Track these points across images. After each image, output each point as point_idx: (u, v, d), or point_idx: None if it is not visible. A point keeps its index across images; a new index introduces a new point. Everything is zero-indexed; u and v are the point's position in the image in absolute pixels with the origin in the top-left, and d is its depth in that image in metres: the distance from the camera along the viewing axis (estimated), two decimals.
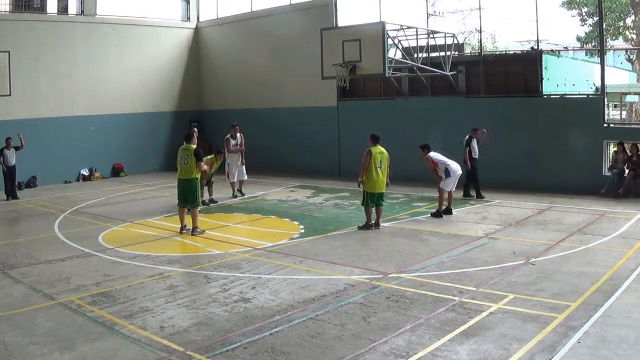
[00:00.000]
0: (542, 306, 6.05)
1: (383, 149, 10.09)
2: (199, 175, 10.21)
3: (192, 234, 10.02)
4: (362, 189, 10.20)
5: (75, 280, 7.44)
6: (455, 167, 11.33)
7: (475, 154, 12.86)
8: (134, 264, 8.23)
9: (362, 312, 6.06)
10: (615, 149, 13.20)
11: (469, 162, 12.74)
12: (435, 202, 12.62)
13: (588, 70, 16.76)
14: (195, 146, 10.17)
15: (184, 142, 10.40)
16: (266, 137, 18.36)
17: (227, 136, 13.86)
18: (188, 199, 10.04)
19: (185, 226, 10.19)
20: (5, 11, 17.04)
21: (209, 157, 12.64)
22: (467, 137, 12.93)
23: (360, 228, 10.17)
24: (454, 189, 11.47)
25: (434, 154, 11.38)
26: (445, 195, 11.27)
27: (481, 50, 15.92)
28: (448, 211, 11.29)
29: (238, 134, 13.93)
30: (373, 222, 10.23)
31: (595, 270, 7.30)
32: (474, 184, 12.95)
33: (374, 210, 10.25)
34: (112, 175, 19.12)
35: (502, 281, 6.98)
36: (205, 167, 10.60)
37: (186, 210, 10.22)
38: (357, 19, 16.00)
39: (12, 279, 7.61)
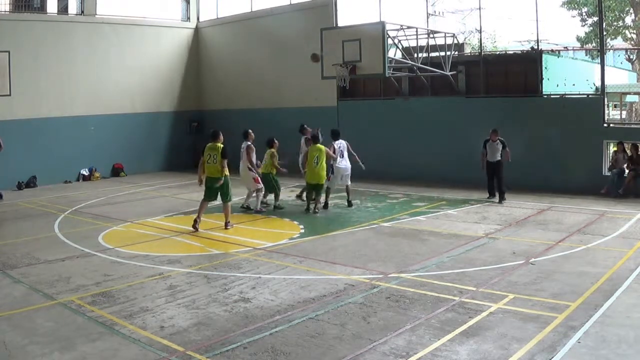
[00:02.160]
0: (542, 306, 6.05)
1: (321, 147, 11.70)
2: (227, 173, 10.30)
3: (225, 228, 10.37)
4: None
5: (75, 280, 7.44)
6: (339, 167, 12.06)
7: (489, 156, 12.36)
8: (134, 264, 8.23)
9: (362, 312, 6.06)
10: (615, 149, 13.20)
11: (481, 163, 12.55)
12: (434, 202, 12.66)
13: (588, 70, 16.75)
14: (222, 145, 10.30)
15: (211, 141, 10.38)
16: (266, 137, 18.34)
17: (307, 136, 13.00)
18: (220, 195, 10.40)
19: (198, 221, 10.21)
20: (5, 11, 17.04)
21: (271, 149, 12.24)
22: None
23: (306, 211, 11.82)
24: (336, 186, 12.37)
25: (338, 144, 12.11)
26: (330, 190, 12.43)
27: (481, 50, 15.93)
28: (325, 206, 12.18)
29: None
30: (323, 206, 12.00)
31: (595, 270, 7.30)
32: (498, 186, 12.48)
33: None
34: (112, 175, 19.09)
35: (502, 281, 6.99)
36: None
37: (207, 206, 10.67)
38: (357, 19, 16.01)
39: (12, 279, 7.61)
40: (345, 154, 12.19)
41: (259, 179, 11.96)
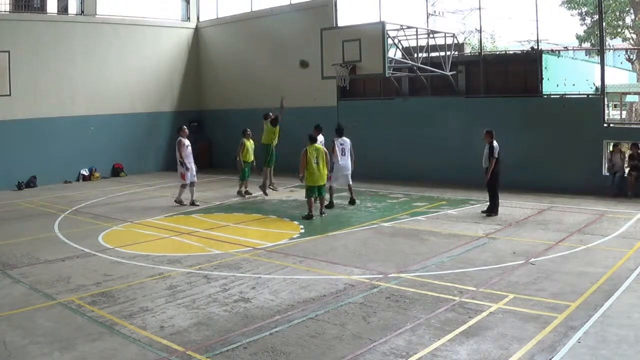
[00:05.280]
0: (542, 306, 6.05)
1: (319, 146, 11.60)
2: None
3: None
4: (304, 183, 11.58)
5: (75, 280, 7.45)
6: (340, 166, 12.18)
7: (484, 162, 11.07)
8: (134, 264, 8.24)
9: (362, 312, 6.06)
10: (612, 150, 13.16)
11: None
12: (434, 202, 12.65)
13: (588, 70, 16.73)
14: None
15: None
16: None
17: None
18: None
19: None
20: (5, 11, 17.04)
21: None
22: None
23: (303, 218, 11.18)
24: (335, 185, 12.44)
25: (340, 142, 12.33)
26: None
27: (481, 50, 15.93)
28: (330, 205, 12.10)
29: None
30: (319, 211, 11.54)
31: (595, 270, 7.30)
32: (489, 197, 11.13)
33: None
34: (112, 175, 19.10)
35: (502, 281, 6.99)
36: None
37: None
38: (357, 19, 16.00)
39: (12, 279, 7.61)
40: (347, 152, 12.34)
41: (185, 175, 12.90)
